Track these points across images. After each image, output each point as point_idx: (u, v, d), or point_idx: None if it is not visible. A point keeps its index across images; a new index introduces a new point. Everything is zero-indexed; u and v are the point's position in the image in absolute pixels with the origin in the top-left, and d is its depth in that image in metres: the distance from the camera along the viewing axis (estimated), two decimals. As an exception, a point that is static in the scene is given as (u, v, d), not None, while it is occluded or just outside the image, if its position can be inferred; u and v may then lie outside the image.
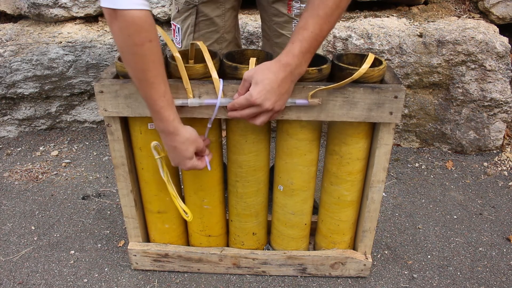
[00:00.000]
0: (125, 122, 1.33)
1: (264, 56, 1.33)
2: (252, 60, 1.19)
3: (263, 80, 1.08)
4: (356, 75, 1.14)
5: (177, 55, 1.18)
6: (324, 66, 1.19)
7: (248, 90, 1.11)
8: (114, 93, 1.21)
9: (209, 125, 1.24)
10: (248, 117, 1.14)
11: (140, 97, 1.21)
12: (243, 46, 2.28)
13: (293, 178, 1.37)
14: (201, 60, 1.23)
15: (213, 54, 1.30)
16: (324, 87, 1.16)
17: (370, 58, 1.19)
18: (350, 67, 1.17)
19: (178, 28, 1.60)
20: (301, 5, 1.49)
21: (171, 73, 1.24)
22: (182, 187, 1.49)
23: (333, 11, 1.06)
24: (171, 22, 1.63)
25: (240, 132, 1.29)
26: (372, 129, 1.31)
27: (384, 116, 1.20)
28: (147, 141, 1.29)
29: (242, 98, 1.11)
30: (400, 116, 1.20)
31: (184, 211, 1.34)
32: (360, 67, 1.17)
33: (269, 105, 1.10)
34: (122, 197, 1.43)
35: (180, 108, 1.22)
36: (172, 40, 1.64)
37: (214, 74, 1.18)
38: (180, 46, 1.63)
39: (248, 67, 1.18)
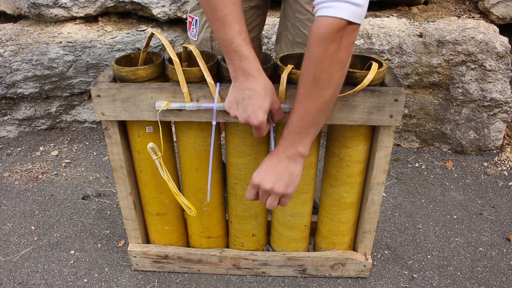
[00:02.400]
0: (123, 125, 1.33)
1: (263, 59, 1.32)
2: None
3: (261, 165, 1.14)
4: (358, 88, 1.14)
5: (175, 58, 1.18)
6: (323, 68, 1.19)
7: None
8: (111, 97, 1.21)
9: (213, 122, 1.22)
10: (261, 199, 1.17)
11: (138, 101, 1.21)
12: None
13: (292, 181, 1.37)
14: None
15: (210, 56, 1.30)
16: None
17: (374, 68, 1.17)
18: (349, 69, 1.17)
19: (196, 20, 1.57)
20: None
21: (169, 76, 1.24)
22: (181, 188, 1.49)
23: (311, 87, 1.02)
24: (188, 14, 1.60)
25: (239, 135, 1.29)
26: (372, 131, 1.30)
27: (384, 119, 1.20)
28: (145, 145, 1.29)
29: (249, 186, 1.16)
30: (401, 119, 1.20)
31: (187, 206, 1.34)
32: (359, 69, 1.17)
33: (265, 184, 1.11)
34: (121, 200, 1.43)
35: (178, 112, 1.22)
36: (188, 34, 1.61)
37: (209, 79, 1.18)
38: (196, 39, 1.60)
39: None
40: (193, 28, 1.59)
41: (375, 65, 1.17)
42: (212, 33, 1.55)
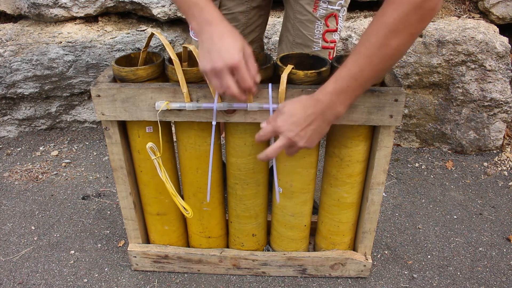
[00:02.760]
0: (123, 125, 1.33)
1: (263, 59, 1.32)
2: None
3: (290, 110, 1.06)
4: None
5: (174, 58, 1.18)
6: (324, 69, 1.19)
7: None
8: (111, 97, 1.21)
9: (213, 122, 1.22)
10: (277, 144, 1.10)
11: (138, 101, 1.21)
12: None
13: (292, 181, 1.37)
14: None
15: None
16: None
17: None
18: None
19: None
20: (329, 6, 1.43)
21: (169, 76, 1.24)
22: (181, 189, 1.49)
23: (376, 51, 0.97)
24: None
25: (239, 135, 1.29)
26: (372, 131, 1.30)
27: (384, 119, 1.20)
28: (145, 145, 1.29)
29: (268, 126, 1.10)
30: (401, 119, 1.20)
31: (184, 208, 1.34)
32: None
33: (291, 135, 1.06)
34: (121, 200, 1.43)
35: (178, 112, 1.22)
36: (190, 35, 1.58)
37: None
38: (197, 39, 1.59)
39: None
40: None
41: None
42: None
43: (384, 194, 2.08)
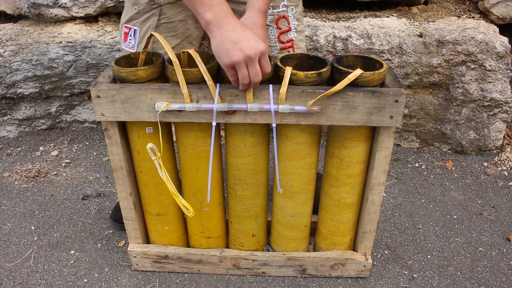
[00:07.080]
0: (123, 126, 1.33)
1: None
2: None
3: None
4: (329, 92, 1.15)
5: (174, 59, 1.18)
6: (324, 69, 1.19)
7: None
8: (111, 98, 1.21)
9: (213, 123, 1.22)
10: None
11: (138, 102, 1.21)
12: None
13: (292, 181, 1.37)
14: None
15: (210, 57, 1.30)
16: (322, 95, 1.15)
17: (341, 84, 1.16)
18: (350, 70, 1.17)
19: (135, 30, 1.52)
20: (274, 11, 1.46)
21: (168, 77, 1.24)
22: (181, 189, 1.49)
23: None
24: (123, 25, 1.53)
25: (239, 135, 1.29)
26: (372, 132, 1.30)
27: (384, 120, 1.20)
28: (145, 145, 1.29)
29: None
30: (401, 119, 1.20)
31: (185, 207, 1.34)
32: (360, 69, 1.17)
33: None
34: (121, 200, 1.43)
35: (178, 113, 1.22)
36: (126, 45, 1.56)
37: (209, 82, 1.17)
38: (134, 50, 1.55)
39: None
40: (130, 39, 1.54)
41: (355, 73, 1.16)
42: (154, 43, 1.52)
43: (384, 194, 2.08)
